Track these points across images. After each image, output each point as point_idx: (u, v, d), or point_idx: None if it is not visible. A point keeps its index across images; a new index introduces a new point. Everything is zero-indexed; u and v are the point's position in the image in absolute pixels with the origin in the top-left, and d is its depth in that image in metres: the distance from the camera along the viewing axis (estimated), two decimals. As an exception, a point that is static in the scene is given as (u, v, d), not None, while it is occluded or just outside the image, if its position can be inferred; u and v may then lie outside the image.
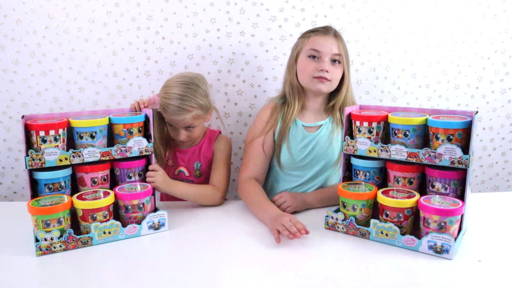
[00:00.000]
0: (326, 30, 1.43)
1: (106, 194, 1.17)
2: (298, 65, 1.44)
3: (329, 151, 1.45)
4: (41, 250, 1.08)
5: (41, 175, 1.16)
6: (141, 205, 1.20)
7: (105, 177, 1.25)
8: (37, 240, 1.08)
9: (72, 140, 1.22)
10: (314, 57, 1.41)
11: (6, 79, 1.68)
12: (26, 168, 1.12)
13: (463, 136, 1.11)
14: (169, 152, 1.51)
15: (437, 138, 1.13)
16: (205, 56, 1.71)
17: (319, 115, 1.49)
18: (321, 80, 1.40)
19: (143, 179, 1.29)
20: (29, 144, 1.15)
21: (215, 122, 1.70)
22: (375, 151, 1.20)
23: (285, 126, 1.45)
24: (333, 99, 1.48)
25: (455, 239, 1.06)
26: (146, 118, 1.27)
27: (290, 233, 1.11)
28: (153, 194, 1.26)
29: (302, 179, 1.47)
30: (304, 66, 1.42)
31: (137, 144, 1.23)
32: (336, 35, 1.42)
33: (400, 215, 1.11)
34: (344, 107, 1.44)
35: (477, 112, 1.11)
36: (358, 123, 1.23)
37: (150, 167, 1.28)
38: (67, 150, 1.17)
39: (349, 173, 1.31)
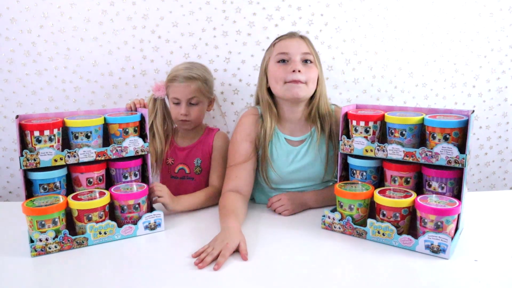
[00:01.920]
0: (291, 34, 1.37)
1: (101, 194, 1.16)
2: (269, 74, 1.35)
3: (315, 166, 1.38)
4: (36, 251, 1.07)
5: (36, 175, 1.15)
6: (137, 205, 1.19)
7: (101, 177, 1.24)
8: (31, 241, 1.07)
9: (67, 140, 1.21)
10: (283, 61, 1.31)
11: (0, 78, 1.67)
12: (20, 168, 1.12)
13: (460, 135, 1.11)
14: (168, 150, 1.52)
15: (434, 138, 1.12)
16: (201, 55, 1.70)
17: (300, 127, 1.40)
18: (295, 82, 1.29)
19: (139, 179, 1.28)
20: (23, 144, 1.15)
21: (211, 122, 1.70)
22: (371, 150, 1.19)
23: (267, 145, 1.36)
24: (310, 107, 1.37)
25: (452, 238, 1.06)
26: (142, 118, 1.27)
27: (203, 260, 1.02)
28: (149, 194, 1.25)
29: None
30: (274, 72, 1.32)
31: (133, 144, 1.23)
32: (302, 36, 1.36)
33: (397, 214, 1.11)
34: (321, 115, 1.38)
35: (473, 111, 1.11)
36: (354, 122, 1.23)
37: (153, 185, 1.27)
38: (62, 150, 1.16)
39: (346, 173, 1.31)
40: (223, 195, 1.33)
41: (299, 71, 1.28)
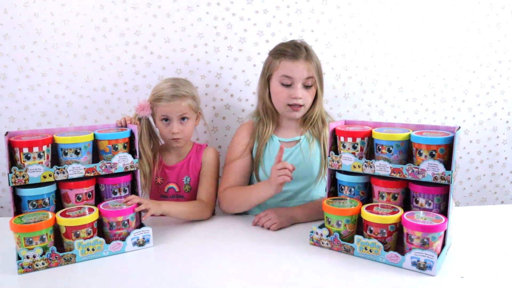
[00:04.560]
0: (295, 53, 1.39)
1: (90, 210, 1.16)
2: (272, 88, 1.45)
3: (308, 166, 1.46)
4: (23, 268, 1.07)
5: (24, 192, 1.15)
6: (125, 222, 1.19)
7: (90, 193, 1.25)
8: (19, 258, 1.07)
9: (56, 156, 1.21)
10: (287, 84, 1.41)
11: (-7, 93, 1.68)
12: (9, 185, 1.12)
13: (446, 151, 1.12)
14: (157, 169, 1.50)
15: (420, 154, 1.13)
16: (193, 70, 1.71)
17: (295, 131, 1.50)
18: (295, 109, 1.42)
19: (129, 195, 1.28)
20: (13, 161, 1.15)
21: (202, 137, 1.71)
22: (359, 166, 1.20)
23: (261, 145, 1.48)
24: (306, 116, 1.48)
25: (438, 255, 1.06)
26: (132, 134, 1.27)
27: (290, 172, 1.26)
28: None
29: (285, 194, 1.47)
30: (278, 93, 1.43)
31: (122, 160, 1.23)
32: (307, 57, 1.40)
33: (384, 231, 1.12)
34: (317, 121, 1.48)
35: (459, 127, 1.12)
36: (342, 138, 1.24)
37: (134, 200, 1.24)
38: (52, 167, 1.16)
39: (334, 188, 1.31)
40: (224, 191, 1.45)
41: (299, 98, 1.40)
